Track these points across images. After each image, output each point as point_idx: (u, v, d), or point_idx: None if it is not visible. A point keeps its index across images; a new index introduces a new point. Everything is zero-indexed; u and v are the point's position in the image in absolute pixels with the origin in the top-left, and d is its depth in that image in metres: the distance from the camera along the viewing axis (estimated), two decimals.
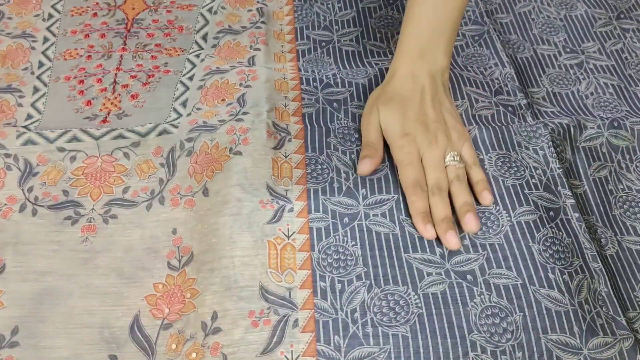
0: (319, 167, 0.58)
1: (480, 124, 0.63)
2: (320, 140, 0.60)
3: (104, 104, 0.64)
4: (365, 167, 0.57)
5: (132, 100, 0.65)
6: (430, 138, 0.57)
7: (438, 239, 0.53)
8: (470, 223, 0.53)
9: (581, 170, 0.62)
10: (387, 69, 0.68)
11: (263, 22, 0.75)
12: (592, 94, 0.70)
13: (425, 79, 0.61)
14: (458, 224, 0.55)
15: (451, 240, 0.52)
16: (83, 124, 0.62)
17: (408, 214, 0.55)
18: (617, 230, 0.58)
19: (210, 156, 0.58)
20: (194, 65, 0.69)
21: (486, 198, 0.56)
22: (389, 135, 0.59)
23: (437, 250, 0.53)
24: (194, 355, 0.47)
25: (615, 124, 0.65)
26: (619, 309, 0.50)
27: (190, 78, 0.67)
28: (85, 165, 0.59)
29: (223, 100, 0.64)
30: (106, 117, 0.63)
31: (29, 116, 0.63)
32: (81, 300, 0.50)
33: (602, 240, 0.57)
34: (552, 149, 0.61)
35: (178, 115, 0.63)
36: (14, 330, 0.49)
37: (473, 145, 0.60)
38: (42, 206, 0.56)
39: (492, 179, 0.57)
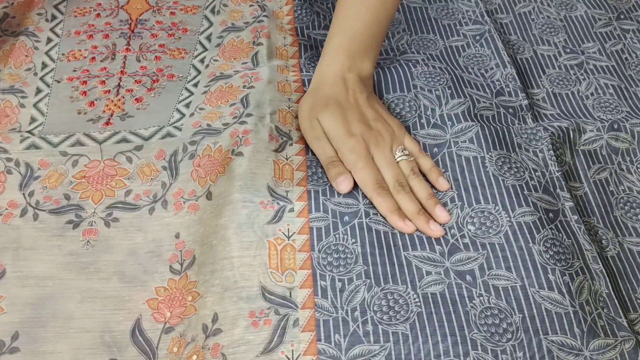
0: (320, 169, 0.58)
1: (482, 122, 0.63)
2: None
3: (107, 105, 0.64)
4: (345, 185, 0.56)
5: (137, 104, 0.65)
6: (376, 136, 0.58)
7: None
8: (442, 215, 0.54)
9: (581, 173, 0.62)
10: (388, 68, 0.68)
11: (265, 16, 0.75)
12: (592, 94, 0.70)
13: (354, 83, 0.61)
14: None
15: (436, 230, 0.53)
16: (86, 127, 0.62)
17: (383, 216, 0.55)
18: (618, 232, 0.58)
19: (213, 159, 0.58)
20: (199, 72, 0.69)
21: (443, 184, 0.57)
22: (335, 140, 0.58)
23: (437, 248, 0.53)
24: (194, 358, 0.47)
25: (615, 126, 0.65)
26: (620, 311, 0.50)
27: (195, 85, 0.67)
28: (87, 169, 0.58)
29: (227, 101, 0.64)
30: (109, 119, 0.63)
31: (33, 119, 0.63)
32: (82, 305, 0.50)
33: (603, 241, 0.57)
34: (552, 151, 0.61)
35: (181, 116, 0.63)
36: (14, 335, 0.49)
37: (412, 135, 0.61)
38: (44, 210, 0.55)
39: (492, 178, 0.57)
